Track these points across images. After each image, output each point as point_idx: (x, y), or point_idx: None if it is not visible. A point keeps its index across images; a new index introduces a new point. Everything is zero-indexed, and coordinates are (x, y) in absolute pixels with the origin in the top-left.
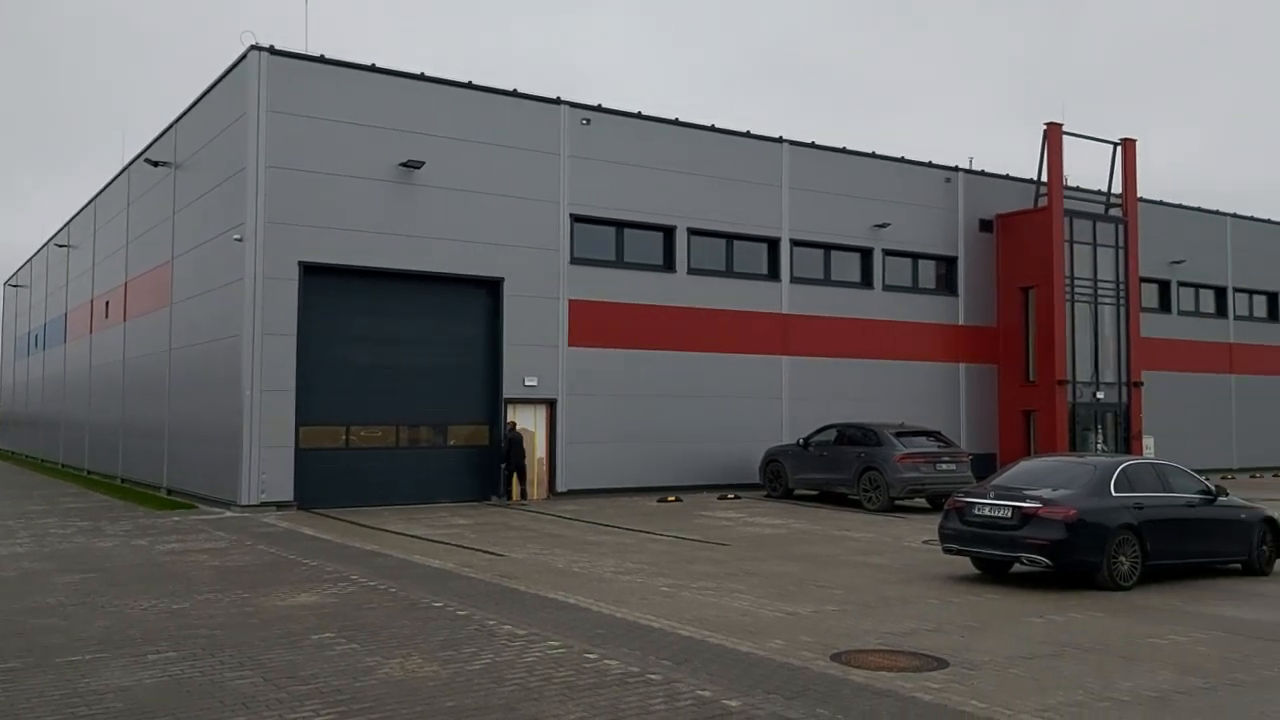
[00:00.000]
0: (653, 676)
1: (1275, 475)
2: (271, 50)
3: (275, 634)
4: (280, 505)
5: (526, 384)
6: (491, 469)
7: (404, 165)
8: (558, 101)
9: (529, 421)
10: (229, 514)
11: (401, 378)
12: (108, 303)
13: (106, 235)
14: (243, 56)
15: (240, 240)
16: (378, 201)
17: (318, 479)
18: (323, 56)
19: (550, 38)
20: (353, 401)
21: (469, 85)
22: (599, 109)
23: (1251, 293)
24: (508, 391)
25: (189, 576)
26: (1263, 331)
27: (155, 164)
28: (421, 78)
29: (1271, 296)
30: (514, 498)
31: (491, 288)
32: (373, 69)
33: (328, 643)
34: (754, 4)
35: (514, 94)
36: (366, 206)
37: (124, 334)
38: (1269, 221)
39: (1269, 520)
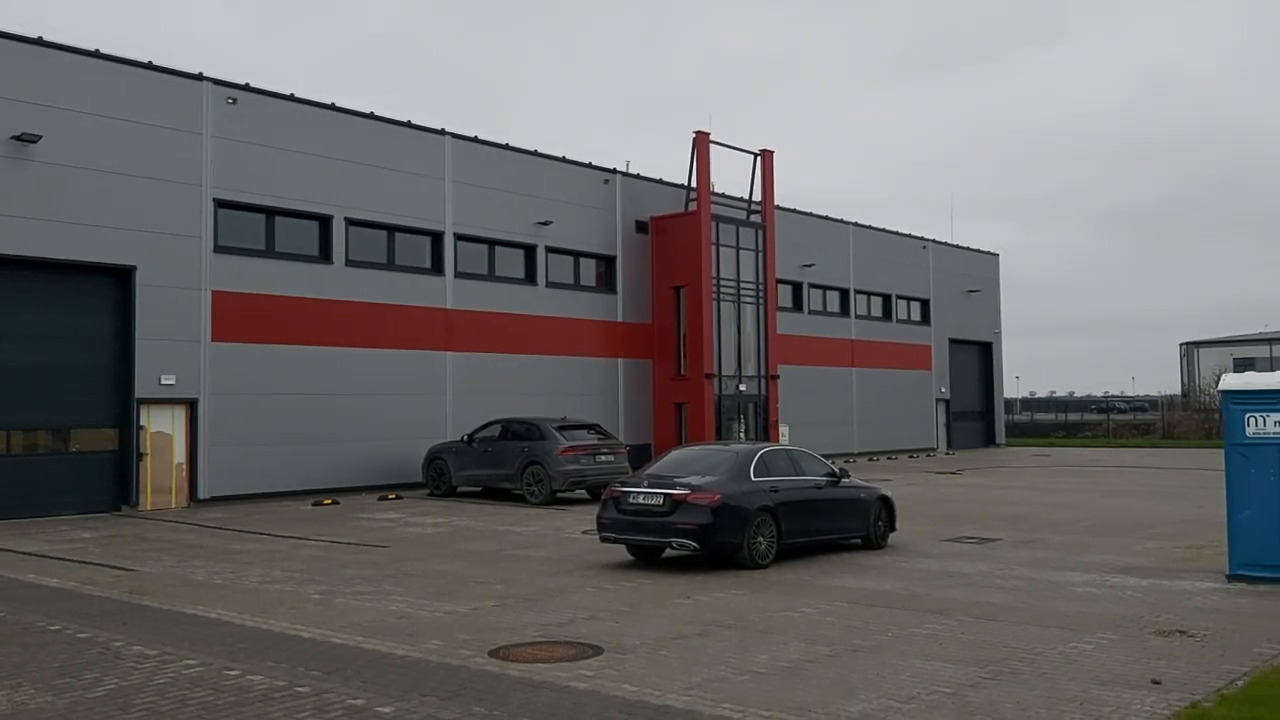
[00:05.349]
0: (301, 689)
1: (889, 458)
2: None
3: None
4: None
5: (163, 382)
6: (123, 476)
7: (17, 139)
8: (200, 77)
9: (165, 424)
10: None
11: (13, 377)
12: None
13: None
14: None
15: None
16: None
17: None
18: None
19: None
20: None
21: (96, 54)
22: (247, 88)
23: (869, 294)
24: (141, 391)
25: None
26: (878, 329)
27: None
28: (40, 42)
29: (885, 298)
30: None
31: (122, 277)
32: None
33: None
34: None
35: (149, 66)
36: None
37: None
38: (884, 230)
39: (884, 499)
